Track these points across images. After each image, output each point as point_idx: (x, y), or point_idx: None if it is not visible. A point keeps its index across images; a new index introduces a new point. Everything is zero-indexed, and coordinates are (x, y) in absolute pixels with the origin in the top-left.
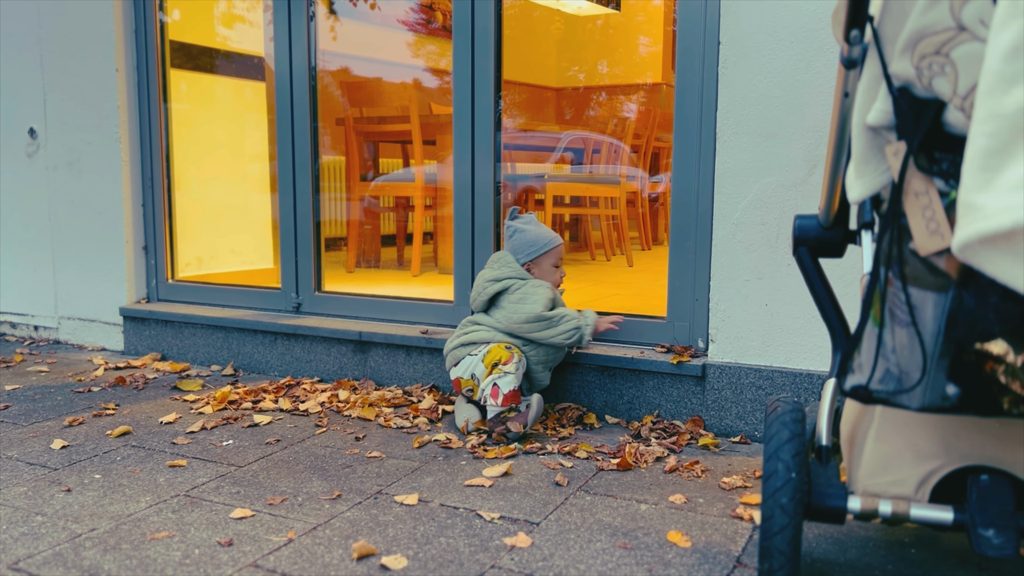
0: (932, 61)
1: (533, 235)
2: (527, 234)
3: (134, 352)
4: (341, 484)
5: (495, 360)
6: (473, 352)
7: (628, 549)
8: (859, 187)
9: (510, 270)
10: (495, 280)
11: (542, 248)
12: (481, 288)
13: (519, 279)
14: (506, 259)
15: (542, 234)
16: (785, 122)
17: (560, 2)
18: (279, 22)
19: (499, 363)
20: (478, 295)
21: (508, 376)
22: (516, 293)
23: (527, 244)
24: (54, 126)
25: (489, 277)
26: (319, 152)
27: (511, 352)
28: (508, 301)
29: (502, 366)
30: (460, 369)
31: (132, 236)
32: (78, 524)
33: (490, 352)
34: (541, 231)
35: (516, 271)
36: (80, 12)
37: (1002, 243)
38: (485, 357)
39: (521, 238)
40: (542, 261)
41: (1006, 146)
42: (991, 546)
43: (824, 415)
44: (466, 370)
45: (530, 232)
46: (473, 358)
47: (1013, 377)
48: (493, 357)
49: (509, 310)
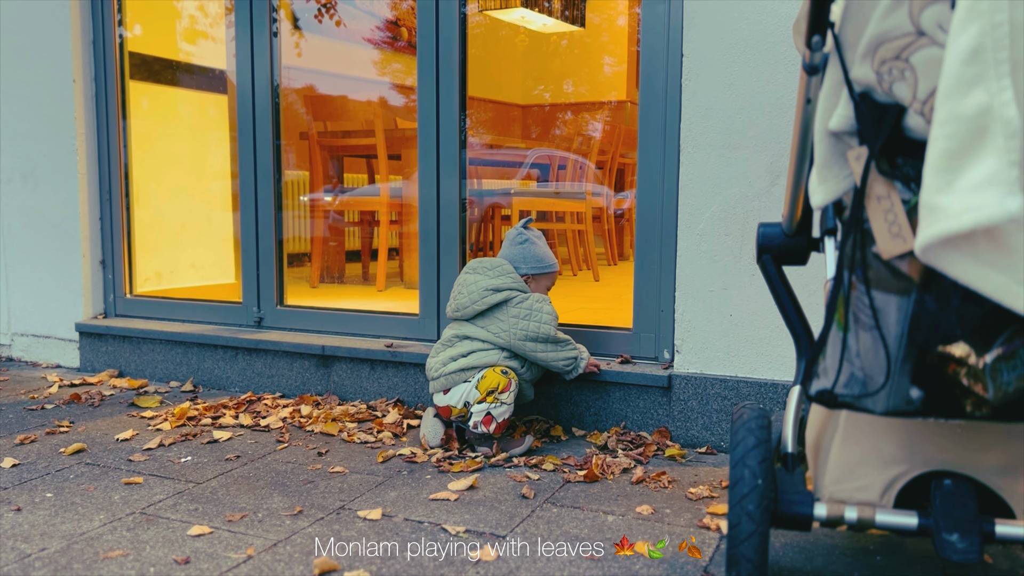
0: (892, 66)
1: (542, 251)
2: (538, 248)
3: (91, 369)
4: (303, 500)
5: (491, 387)
6: (468, 378)
7: (595, 561)
8: (822, 192)
9: (511, 280)
10: (496, 289)
11: (548, 267)
12: (478, 296)
13: (521, 291)
14: (505, 268)
15: (549, 254)
16: (748, 133)
17: (525, 19)
18: (241, 38)
19: (495, 391)
20: (472, 303)
21: (503, 407)
22: (520, 307)
23: (536, 258)
24: (8, 138)
25: (489, 286)
26: (282, 166)
27: (508, 378)
28: (510, 314)
29: (499, 394)
30: (452, 397)
31: (89, 250)
32: (28, 544)
33: (485, 377)
34: (548, 251)
35: (517, 282)
36: (36, 22)
37: (963, 244)
38: (480, 383)
39: (532, 249)
40: (542, 280)
41: (966, 147)
42: (955, 551)
43: (790, 422)
44: (459, 399)
45: (540, 248)
46: (467, 385)
47: (975, 379)
48: (489, 383)
49: (511, 324)
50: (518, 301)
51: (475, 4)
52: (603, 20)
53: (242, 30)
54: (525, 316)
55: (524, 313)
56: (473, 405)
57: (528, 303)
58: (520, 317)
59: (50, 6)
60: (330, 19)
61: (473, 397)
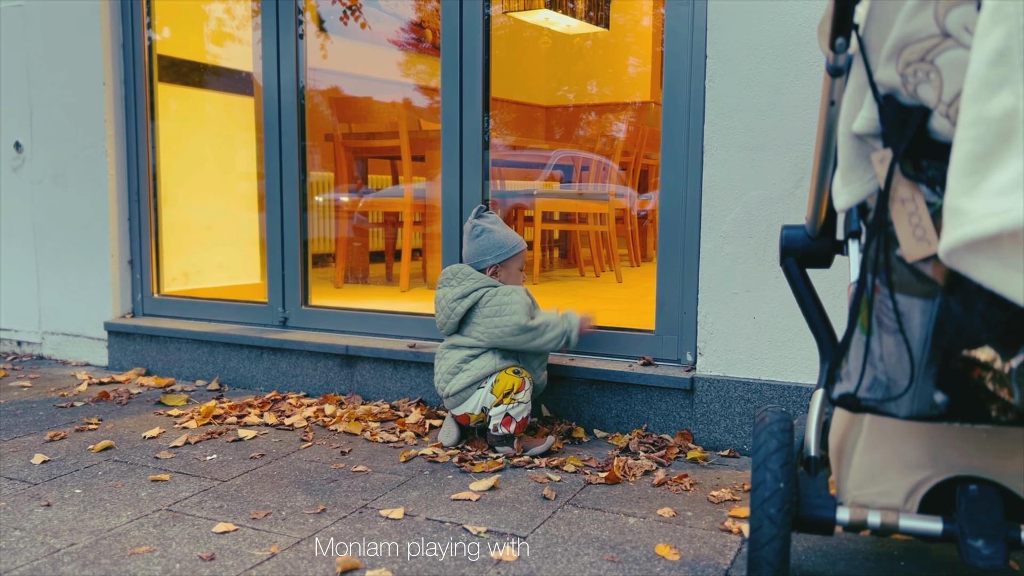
0: (917, 68)
1: (502, 236)
2: (495, 235)
3: (119, 367)
4: (326, 498)
5: (506, 389)
6: (481, 385)
7: (616, 563)
8: (845, 195)
9: (473, 282)
10: (462, 296)
11: (511, 250)
12: (449, 310)
13: (488, 287)
14: (464, 271)
15: (510, 235)
16: (772, 135)
17: (549, 21)
18: (267, 40)
19: (511, 392)
20: (447, 319)
21: (520, 406)
22: (488, 306)
23: (496, 245)
24: (40, 139)
25: (455, 296)
26: (307, 167)
27: (521, 377)
28: (482, 316)
29: (515, 395)
30: (468, 405)
31: (117, 250)
32: (57, 539)
33: (499, 381)
34: (508, 232)
35: (480, 280)
36: (67, 26)
37: (988, 248)
38: (495, 387)
39: (490, 238)
40: (511, 264)
41: (991, 150)
42: (980, 557)
43: (812, 426)
44: (476, 405)
45: (498, 233)
46: (482, 391)
47: (1000, 384)
48: (504, 386)
49: (486, 325)
50: (485, 300)
51: (499, 6)
52: (627, 21)
53: (268, 32)
54: (496, 314)
55: (494, 311)
56: (491, 409)
57: (496, 300)
58: (491, 316)
59: (81, 10)
60: (355, 21)
61: (490, 401)
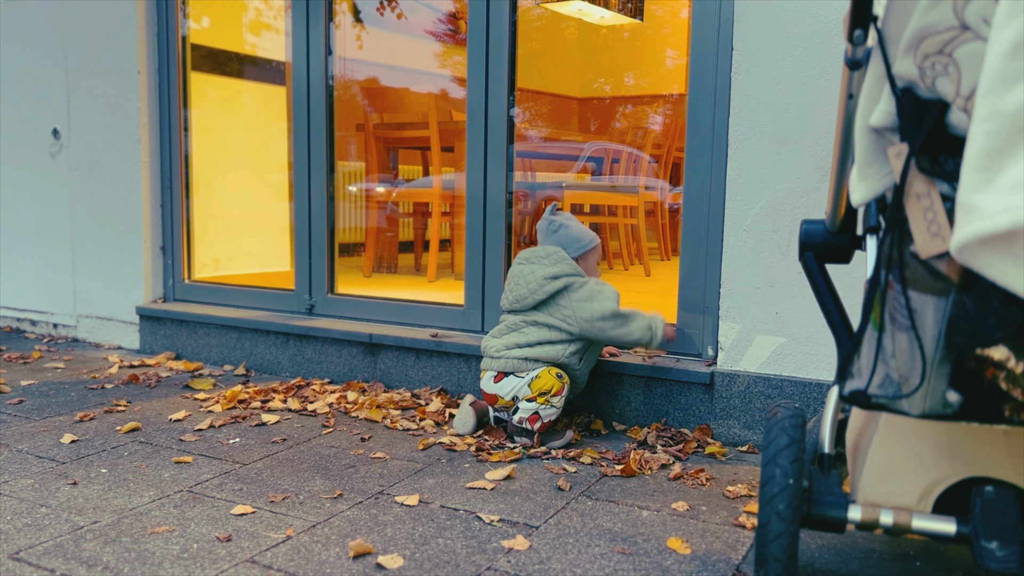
0: (935, 61)
1: (578, 231)
2: (572, 230)
3: (149, 351)
4: (343, 484)
5: (544, 389)
6: (520, 374)
7: (627, 555)
8: (862, 190)
9: (568, 266)
10: (554, 277)
11: (588, 244)
12: (537, 285)
13: (580, 276)
14: (560, 255)
15: (585, 231)
16: (797, 128)
17: (582, 12)
18: (297, 29)
19: (548, 393)
20: (531, 293)
21: (552, 409)
22: (582, 291)
23: (575, 239)
24: (77, 127)
25: (547, 274)
26: (335, 156)
27: (561, 383)
28: (573, 299)
29: (551, 397)
30: (503, 388)
31: (150, 236)
32: (81, 516)
33: (540, 377)
34: (583, 228)
35: (574, 268)
36: (103, 15)
37: (1001, 245)
38: (533, 383)
39: (567, 233)
40: (589, 257)
41: (1006, 145)
42: (994, 559)
43: (827, 422)
44: (509, 391)
45: (574, 228)
46: (520, 380)
47: (1014, 384)
48: (543, 384)
49: (575, 308)
50: (578, 286)
51: None
52: (664, 12)
53: (298, 22)
54: (588, 298)
55: (587, 295)
56: (522, 401)
57: (589, 286)
58: (584, 300)
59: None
60: (391, 11)
61: (524, 394)
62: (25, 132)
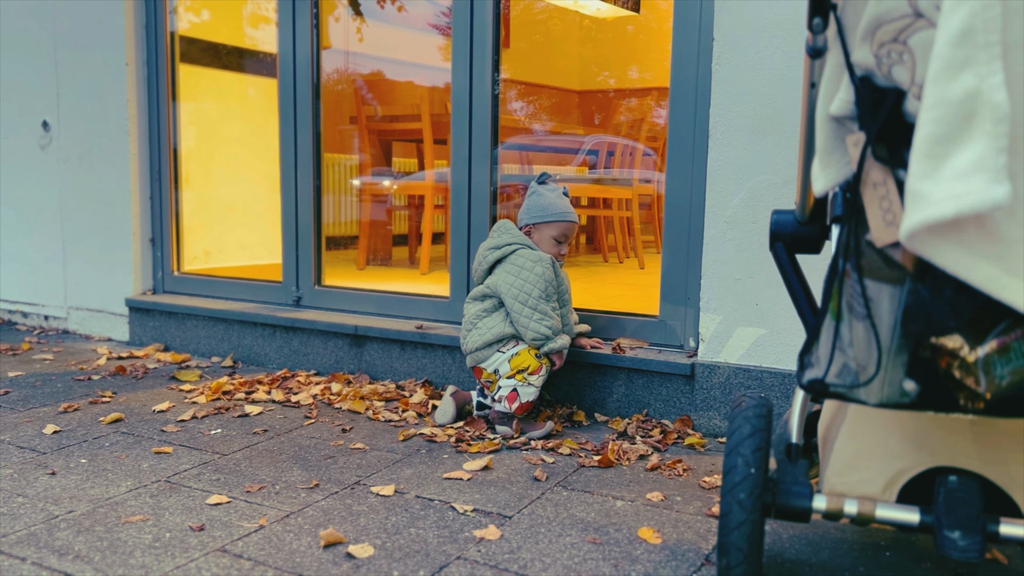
0: (891, 49)
1: (547, 201)
2: (542, 198)
3: (139, 343)
4: (320, 474)
5: (523, 367)
6: (502, 349)
7: (597, 544)
8: (824, 179)
9: (510, 236)
10: (495, 247)
11: (549, 216)
12: (481, 257)
13: (519, 244)
14: (506, 226)
15: (556, 203)
16: (776, 119)
17: (579, 4)
18: (283, 21)
19: (526, 371)
20: (478, 265)
21: (531, 388)
22: (511, 262)
23: (537, 208)
24: (66, 119)
25: (489, 245)
26: (322, 148)
27: (540, 363)
28: (503, 270)
29: (528, 375)
30: (488, 364)
31: (139, 228)
32: (57, 506)
33: (519, 355)
34: (558, 201)
35: (516, 237)
36: (92, 8)
37: (950, 232)
38: (513, 359)
39: (536, 201)
40: (544, 228)
41: (952, 132)
42: (956, 548)
43: (795, 413)
44: (492, 365)
45: (546, 197)
46: (501, 355)
47: (967, 372)
48: (521, 362)
49: (500, 278)
50: (513, 256)
51: None
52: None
53: (284, 12)
54: (514, 272)
55: (514, 269)
56: (502, 378)
57: (520, 260)
58: (509, 272)
59: None
60: (387, 3)
61: (504, 371)
62: (15, 124)
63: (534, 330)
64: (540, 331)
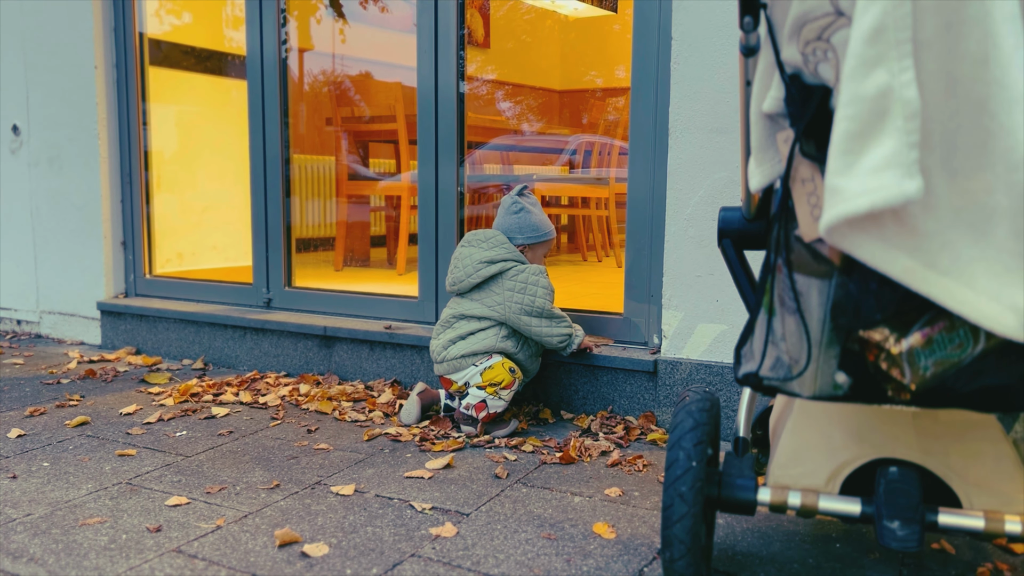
0: (816, 47)
1: (539, 219)
2: (533, 216)
3: (110, 346)
4: (282, 475)
5: (495, 380)
6: (475, 363)
7: (552, 540)
8: (759, 176)
9: (505, 251)
10: (490, 261)
11: (544, 235)
12: (472, 269)
13: (517, 262)
14: (499, 239)
15: (545, 221)
16: (734, 117)
17: (556, 4)
18: (251, 20)
19: (498, 385)
20: (467, 276)
21: (501, 402)
22: (515, 280)
23: (531, 226)
24: (36, 123)
25: (483, 258)
26: (291, 148)
27: (513, 377)
28: (505, 287)
29: (500, 390)
30: (459, 376)
31: (111, 231)
32: (15, 509)
33: (492, 369)
34: (544, 217)
35: (512, 253)
36: (60, 11)
37: (870, 226)
38: (486, 372)
39: (527, 218)
40: (538, 248)
41: (866, 129)
42: (895, 538)
43: (743, 407)
44: (462, 378)
45: (536, 215)
46: (475, 368)
47: (893, 364)
48: (495, 376)
49: (505, 297)
50: (513, 274)
51: None
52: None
53: (252, 13)
54: (520, 289)
55: (519, 287)
56: (472, 388)
57: (524, 276)
58: (515, 291)
59: None
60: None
61: (475, 381)
62: None
63: (557, 335)
64: (562, 333)
